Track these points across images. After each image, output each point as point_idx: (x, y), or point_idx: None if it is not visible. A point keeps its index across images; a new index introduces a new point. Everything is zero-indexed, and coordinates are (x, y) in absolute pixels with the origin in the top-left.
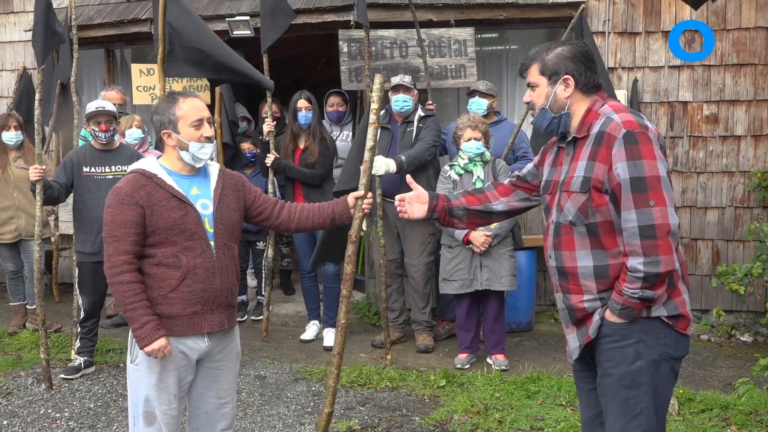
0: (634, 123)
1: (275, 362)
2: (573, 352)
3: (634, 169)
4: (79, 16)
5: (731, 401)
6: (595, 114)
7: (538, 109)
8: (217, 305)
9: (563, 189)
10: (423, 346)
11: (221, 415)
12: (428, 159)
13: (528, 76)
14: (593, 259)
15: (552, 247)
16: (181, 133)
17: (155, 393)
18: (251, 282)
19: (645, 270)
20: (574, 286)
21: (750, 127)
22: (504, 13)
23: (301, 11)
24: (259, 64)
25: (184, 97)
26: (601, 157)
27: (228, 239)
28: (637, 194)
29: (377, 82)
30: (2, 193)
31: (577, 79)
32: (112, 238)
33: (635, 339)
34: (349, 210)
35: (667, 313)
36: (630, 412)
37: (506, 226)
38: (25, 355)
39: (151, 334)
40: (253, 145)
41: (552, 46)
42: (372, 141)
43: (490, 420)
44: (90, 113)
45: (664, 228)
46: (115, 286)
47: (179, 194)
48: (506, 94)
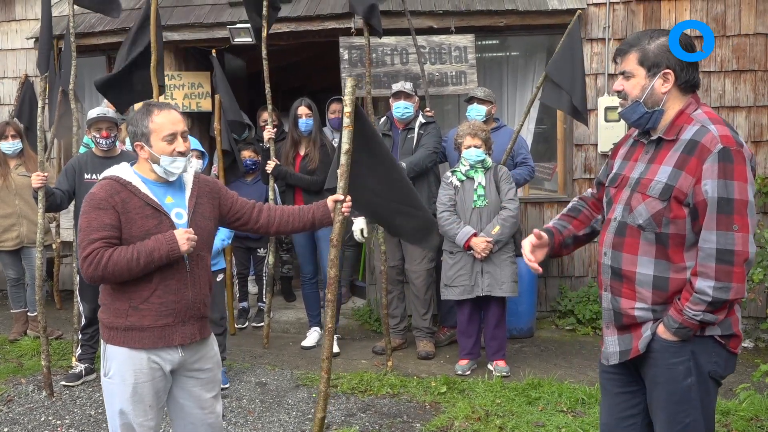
0: (731, 139)
1: (276, 369)
2: (611, 356)
3: (724, 189)
4: (81, 24)
5: (732, 407)
6: (688, 118)
7: (631, 100)
8: (189, 317)
9: (638, 189)
10: (424, 352)
11: (207, 426)
12: (429, 165)
13: (623, 63)
14: (655, 269)
15: (611, 245)
16: (153, 146)
17: (130, 406)
18: (252, 289)
19: (714, 295)
20: (627, 290)
21: (750, 133)
22: (504, 19)
23: (302, 18)
24: (259, 71)
25: (159, 109)
26: (690, 168)
27: (201, 249)
28: (722, 216)
29: (349, 86)
30: (4, 200)
31: (678, 74)
32: (88, 242)
33: (686, 357)
34: (329, 214)
35: (721, 333)
36: (677, 425)
37: (507, 232)
38: (26, 362)
39: (167, 241)
40: (254, 153)
41: (655, 34)
42: (347, 144)
43: (490, 426)
44: (91, 120)
45: (743, 255)
46: (110, 268)
47: (154, 203)
48: (506, 101)
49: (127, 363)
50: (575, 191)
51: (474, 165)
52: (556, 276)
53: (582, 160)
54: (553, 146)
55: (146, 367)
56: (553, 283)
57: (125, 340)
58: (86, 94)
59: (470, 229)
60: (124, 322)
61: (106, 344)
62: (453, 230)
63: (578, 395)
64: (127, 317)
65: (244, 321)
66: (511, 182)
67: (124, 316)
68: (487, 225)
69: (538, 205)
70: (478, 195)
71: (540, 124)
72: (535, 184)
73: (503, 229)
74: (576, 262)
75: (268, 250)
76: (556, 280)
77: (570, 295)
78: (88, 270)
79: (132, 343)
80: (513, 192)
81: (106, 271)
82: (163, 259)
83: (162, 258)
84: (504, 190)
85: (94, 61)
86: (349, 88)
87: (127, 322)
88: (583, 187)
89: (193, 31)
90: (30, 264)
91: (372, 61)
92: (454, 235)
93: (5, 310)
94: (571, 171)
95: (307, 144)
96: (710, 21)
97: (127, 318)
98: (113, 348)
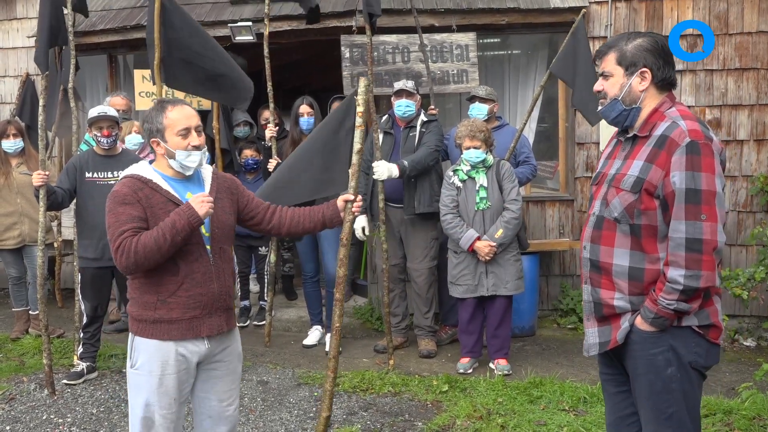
0: (699, 133)
1: (277, 367)
2: (591, 347)
3: (691, 180)
4: (82, 22)
5: (734, 406)
6: (661, 115)
7: (609, 99)
8: (215, 308)
9: (613, 184)
10: (425, 351)
11: (225, 419)
12: (431, 164)
13: (603, 64)
14: (630, 260)
15: (589, 239)
16: (168, 141)
17: (155, 397)
18: (254, 287)
19: (685, 283)
20: (606, 281)
21: (753, 132)
22: (506, 18)
23: (303, 17)
24: (261, 70)
25: (173, 105)
26: (660, 161)
27: (224, 242)
28: (690, 206)
29: (362, 86)
30: (5, 198)
31: (655, 73)
32: (117, 234)
33: (665, 347)
34: (339, 214)
35: (699, 323)
36: (661, 415)
37: (510, 234)
38: (27, 361)
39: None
40: (256, 152)
41: (632, 36)
42: (359, 144)
43: (492, 425)
44: (92, 118)
45: (712, 244)
46: (140, 252)
47: (175, 198)
48: (508, 99)
49: (155, 355)
50: (577, 190)
51: (475, 165)
52: (558, 275)
53: (584, 159)
54: (554, 145)
55: (173, 359)
56: (555, 282)
57: (154, 332)
58: (87, 92)
59: (474, 233)
60: (152, 314)
61: (134, 336)
62: (457, 234)
63: (580, 394)
64: (156, 310)
65: (246, 319)
66: (514, 179)
67: (153, 309)
68: (491, 227)
69: (539, 203)
70: (481, 197)
71: (541, 123)
72: (537, 182)
73: (506, 232)
74: (578, 260)
75: (269, 249)
76: (558, 278)
77: (572, 294)
78: (121, 260)
79: (160, 334)
80: (516, 191)
81: (138, 256)
82: (186, 228)
83: (184, 226)
84: (507, 189)
85: (95, 60)
86: (362, 88)
87: (156, 314)
88: (584, 186)
89: None
90: (31, 262)
91: (373, 59)
92: (458, 239)
93: (7, 309)
94: (572, 169)
95: None
96: (713, 19)
97: (156, 311)
98: (141, 340)
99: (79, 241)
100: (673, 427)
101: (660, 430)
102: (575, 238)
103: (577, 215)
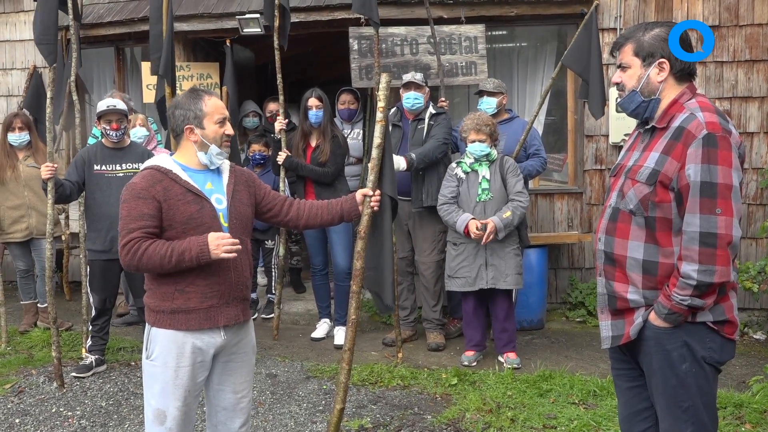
0: (717, 125)
1: (286, 360)
2: (605, 340)
3: (707, 173)
4: (89, 15)
5: (745, 399)
6: (680, 106)
7: (628, 90)
8: (232, 298)
9: (629, 176)
10: (434, 344)
11: (239, 411)
12: (439, 156)
13: (620, 55)
14: (644, 253)
15: (605, 230)
16: (206, 128)
17: (169, 388)
18: (261, 280)
19: (698, 278)
20: (620, 274)
21: (763, 124)
22: (515, 9)
23: (311, 8)
24: (267, 63)
25: (209, 95)
26: (676, 153)
27: (242, 233)
28: (705, 199)
29: (383, 81)
30: (13, 191)
31: (673, 63)
32: (127, 230)
33: (680, 343)
34: (357, 207)
35: (713, 319)
36: (677, 409)
37: (516, 220)
38: (36, 354)
39: (199, 244)
40: (264, 147)
41: (649, 26)
42: (380, 139)
43: (502, 418)
44: (101, 112)
45: (726, 238)
46: (144, 260)
47: (195, 189)
48: (517, 92)
49: (171, 346)
50: (586, 182)
51: (479, 158)
52: (567, 268)
53: (593, 151)
54: (563, 137)
55: (189, 352)
56: (564, 275)
57: (171, 323)
58: (94, 85)
59: (468, 215)
60: (170, 305)
61: (150, 327)
62: (453, 218)
63: (590, 387)
64: (173, 300)
65: (254, 312)
66: (518, 174)
67: (170, 299)
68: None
69: (548, 196)
70: (482, 189)
71: (550, 115)
72: (546, 175)
73: (513, 215)
74: (586, 253)
75: (277, 242)
76: (567, 271)
77: (580, 287)
78: (125, 257)
79: (178, 325)
80: (521, 185)
81: (141, 262)
82: (193, 261)
83: (192, 260)
84: (512, 184)
85: (102, 52)
86: (383, 83)
87: (174, 304)
88: (593, 179)
89: (202, 21)
90: (39, 255)
91: (381, 51)
92: (453, 223)
93: (15, 302)
94: (581, 162)
95: (317, 135)
96: (723, 10)
97: (173, 301)
98: (158, 330)
99: (88, 233)
100: (689, 420)
101: (676, 424)
102: (584, 231)
103: (585, 208)
